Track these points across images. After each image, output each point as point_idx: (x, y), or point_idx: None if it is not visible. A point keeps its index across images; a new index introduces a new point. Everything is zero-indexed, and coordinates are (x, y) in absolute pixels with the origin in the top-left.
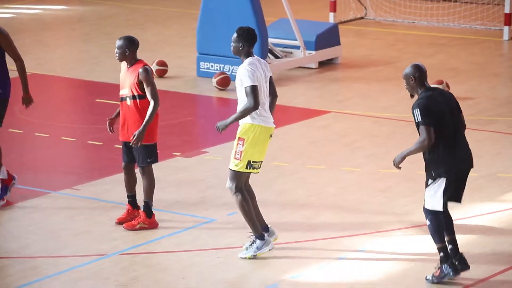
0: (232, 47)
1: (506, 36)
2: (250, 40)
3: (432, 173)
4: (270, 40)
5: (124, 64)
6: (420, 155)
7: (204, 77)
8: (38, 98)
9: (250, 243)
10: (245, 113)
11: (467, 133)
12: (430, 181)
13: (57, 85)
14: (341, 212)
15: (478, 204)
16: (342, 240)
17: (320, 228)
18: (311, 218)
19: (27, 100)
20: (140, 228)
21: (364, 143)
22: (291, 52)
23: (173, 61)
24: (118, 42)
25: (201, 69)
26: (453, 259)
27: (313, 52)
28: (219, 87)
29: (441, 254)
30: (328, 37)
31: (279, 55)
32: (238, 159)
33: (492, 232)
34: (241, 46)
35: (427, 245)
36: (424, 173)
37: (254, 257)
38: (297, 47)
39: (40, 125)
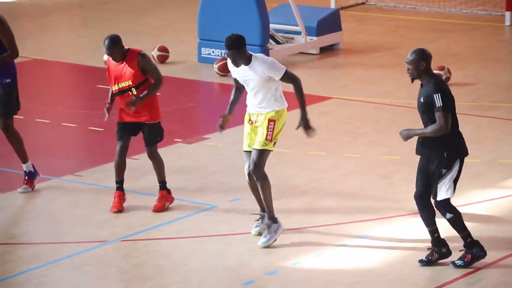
0: (236, 63)
1: (507, 22)
2: (245, 42)
3: (444, 154)
4: (271, 25)
5: (109, 59)
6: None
7: (206, 63)
8: (39, 84)
9: (266, 230)
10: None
11: (468, 119)
12: (444, 170)
13: (58, 71)
14: (342, 199)
15: (479, 191)
16: (343, 227)
17: (321, 215)
18: (312, 205)
19: None
20: (167, 207)
21: (366, 130)
22: (293, 38)
23: (175, 47)
24: (111, 48)
25: (202, 55)
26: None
27: (314, 38)
28: (220, 73)
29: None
30: (329, 23)
31: (280, 41)
32: (269, 140)
33: (492, 219)
34: (244, 52)
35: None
36: None
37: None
38: (299, 33)
39: (41, 111)
